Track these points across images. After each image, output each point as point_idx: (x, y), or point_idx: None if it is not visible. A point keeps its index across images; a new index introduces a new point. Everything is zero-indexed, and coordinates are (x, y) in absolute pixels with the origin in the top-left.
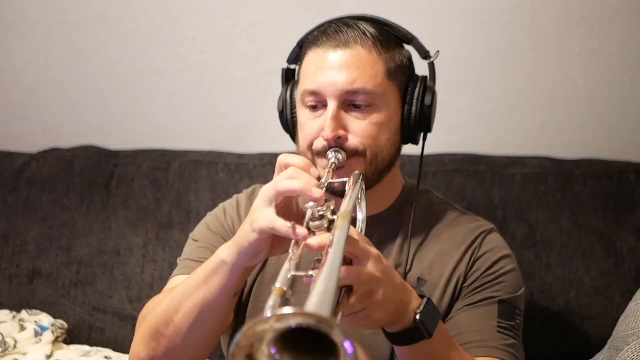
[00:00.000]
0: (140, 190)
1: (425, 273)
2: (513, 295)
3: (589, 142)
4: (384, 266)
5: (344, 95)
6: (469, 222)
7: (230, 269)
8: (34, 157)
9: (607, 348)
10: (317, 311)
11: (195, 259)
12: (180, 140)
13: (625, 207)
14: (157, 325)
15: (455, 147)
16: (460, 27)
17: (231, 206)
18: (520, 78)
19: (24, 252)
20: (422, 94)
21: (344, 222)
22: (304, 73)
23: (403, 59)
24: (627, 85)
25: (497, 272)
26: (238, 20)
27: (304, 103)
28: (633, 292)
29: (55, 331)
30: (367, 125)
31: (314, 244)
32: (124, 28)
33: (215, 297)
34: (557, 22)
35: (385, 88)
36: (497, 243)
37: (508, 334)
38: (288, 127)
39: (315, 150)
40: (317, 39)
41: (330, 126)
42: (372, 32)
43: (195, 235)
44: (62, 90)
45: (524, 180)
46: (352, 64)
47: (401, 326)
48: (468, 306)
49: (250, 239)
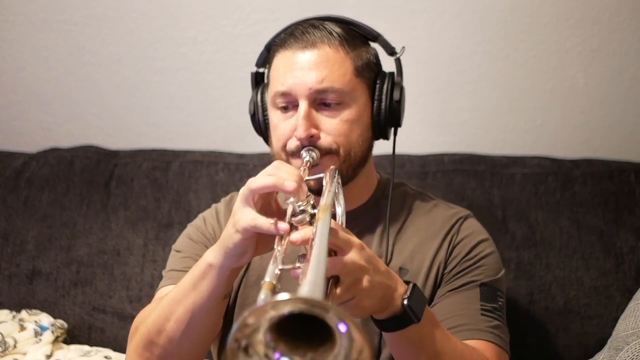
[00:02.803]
0: (140, 190)
1: (406, 263)
2: (494, 278)
3: (589, 142)
4: (367, 254)
5: (314, 94)
6: (445, 210)
7: (218, 271)
8: (34, 157)
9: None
10: (312, 295)
11: (180, 269)
12: (180, 140)
13: (625, 207)
14: (149, 335)
15: (455, 147)
16: (460, 27)
17: (211, 215)
18: (520, 78)
19: (24, 252)
20: (390, 89)
21: (325, 215)
22: (273, 75)
23: (370, 56)
24: (627, 85)
25: (477, 256)
26: (238, 20)
27: (275, 105)
28: (633, 292)
29: (55, 331)
30: (338, 123)
31: (297, 239)
32: (124, 28)
33: (205, 301)
34: (557, 22)
35: (354, 85)
36: (475, 228)
37: (491, 316)
38: (261, 130)
39: (290, 151)
40: (284, 41)
41: (302, 126)
42: (339, 32)
43: (178, 247)
44: (62, 90)
45: (524, 180)
46: (320, 63)
47: (389, 312)
48: (450, 292)
49: (235, 240)
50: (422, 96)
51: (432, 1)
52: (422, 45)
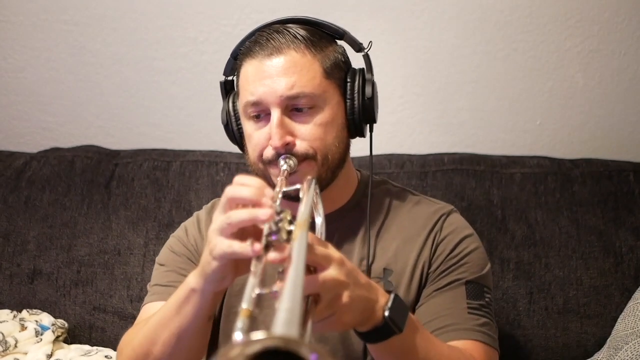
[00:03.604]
0: (140, 190)
1: (390, 262)
2: (479, 275)
3: (588, 142)
4: (347, 269)
5: (285, 101)
6: (428, 206)
7: (200, 296)
8: (34, 157)
9: (606, 347)
10: (285, 331)
11: (164, 284)
12: (180, 140)
13: (624, 206)
14: (136, 359)
15: (454, 147)
16: (460, 27)
17: (192, 224)
18: (519, 78)
19: (24, 251)
20: (361, 86)
21: (302, 232)
22: (242, 85)
23: (338, 55)
24: (626, 85)
25: (461, 253)
26: (238, 21)
27: (247, 115)
28: (632, 291)
29: (56, 331)
30: (312, 127)
31: (275, 258)
32: (124, 28)
33: (190, 325)
34: (556, 22)
35: (325, 87)
36: (458, 224)
37: (479, 314)
38: (236, 140)
39: (266, 160)
40: (250, 50)
41: (277, 134)
42: (303, 34)
43: (161, 260)
44: (63, 91)
45: (524, 180)
46: (288, 69)
47: (371, 325)
48: (436, 291)
49: (213, 267)
50: (422, 96)
51: (432, 1)
52: (422, 45)
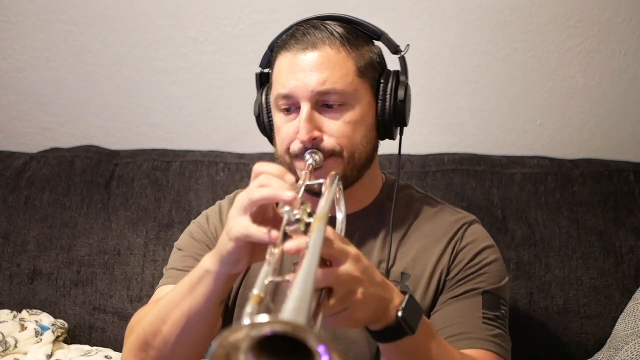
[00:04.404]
0: (140, 190)
1: (408, 267)
2: (497, 286)
3: (588, 142)
4: (363, 265)
5: (316, 96)
6: (451, 214)
7: (214, 277)
8: (34, 157)
9: (606, 347)
10: (293, 318)
11: (180, 269)
12: (180, 140)
13: (624, 206)
14: (145, 337)
15: (454, 147)
16: (460, 27)
17: (214, 213)
18: (519, 78)
19: (24, 251)
20: (394, 89)
21: (320, 225)
22: (275, 77)
23: (373, 55)
24: (626, 85)
25: (480, 263)
26: (238, 21)
27: (278, 107)
28: (632, 291)
29: (55, 331)
30: (341, 124)
31: (291, 248)
32: (124, 28)
33: (201, 306)
34: (556, 22)
35: (357, 86)
36: (479, 234)
37: (493, 325)
38: (266, 131)
39: (293, 153)
40: (286, 43)
41: (304, 128)
42: (340, 32)
43: (180, 245)
44: (63, 91)
45: (524, 180)
46: (321, 65)
47: (383, 324)
48: (452, 299)
49: (229, 248)
50: (422, 96)
51: (432, 1)
52: (422, 45)
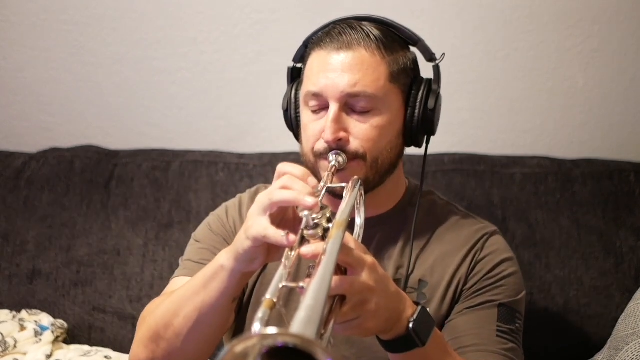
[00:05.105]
0: (140, 190)
1: (426, 275)
2: (513, 299)
3: (589, 142)
4: (378, 275)
5: (345, 98)
6: (472, 224)
7: (229, 274)
8: (34, 157)
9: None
10: (302, 330)
11: (196, 261)
12: (180, 140)
13: (625, 207)
14: (157, 328)
15: (455, 147)
16: (460, 27)
17: (234, 206)
18: (520, 78)
19: (24, 252)
20: (425, 97)
21: (339, 232)
22: (307, 74)
23: (407, 61)
24: (627, 85)
25: (498, 275)
26: (238, 21)
27: (307, 104)
28: (633, 292)
29: (55, 331)
30: (368, 128)
31: (307, 253)
32: (124, 28)
33: (214, 302)
34: (557, 22)
35: (388, 91)
36: (499, 246)
37: (507, 338)
38: (292, 127)
39: (317, 152)
40: (321, 40)
41: (330, 129)
42: (376, 35)
43: (198, 236)
44: (62, 90)
45: (524, 180)
46: (354, 66)
47: (394, 334)
48: (468, 309)
49: (245, 246)
50: None
51: (432, 1)
52: None
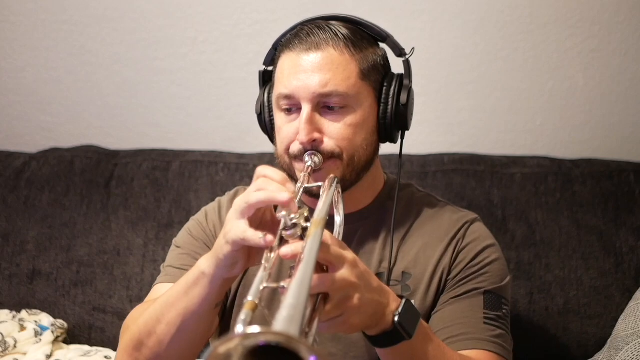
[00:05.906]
0: (140, 190)
1: (410, 267)
2: (499, 285)
3: (589, 142)
4: (359, 271)
5: (317, 98)
6: (452, 213)
7: (210, 280)
8: (34, 157)
9: (607, 348)
10: (285, 328)
11: (177, 267)
12: (180, 140)
13: (624, 207)
14: (139, 336)
15: (455, 147)
16: (460, 27)
17: (213, 210)
18: (520, 78)
19: (24, 252)
20: (397, 92)
21: (317, 230)
22: (278, 77)
23: (377, 58)
24: (627, 85)
25: (482, 262)
26: (238, 21)
27: (279, 107)
28: (633, 292)
29: (55, 331)
30: (342, 127)
31: (287, 253)
32: (124, 28)
33: (196, 308)
34: (556, 22)
35: (359, 89)
36: (481, 233)
37: (495, 325)
38: (267, 130)
39: (292, 154)
40: (290, 42)
41: (305, 130)
42: (344, 33)
43: (178, 242)
44: (62, 90)
45: (524, 180)
46: (324, 66)
47: (380, 329)
48: (454, 299)
49: (225, 251)
50: (422, 96)
51: (432, 1)
52: (422, 45)
